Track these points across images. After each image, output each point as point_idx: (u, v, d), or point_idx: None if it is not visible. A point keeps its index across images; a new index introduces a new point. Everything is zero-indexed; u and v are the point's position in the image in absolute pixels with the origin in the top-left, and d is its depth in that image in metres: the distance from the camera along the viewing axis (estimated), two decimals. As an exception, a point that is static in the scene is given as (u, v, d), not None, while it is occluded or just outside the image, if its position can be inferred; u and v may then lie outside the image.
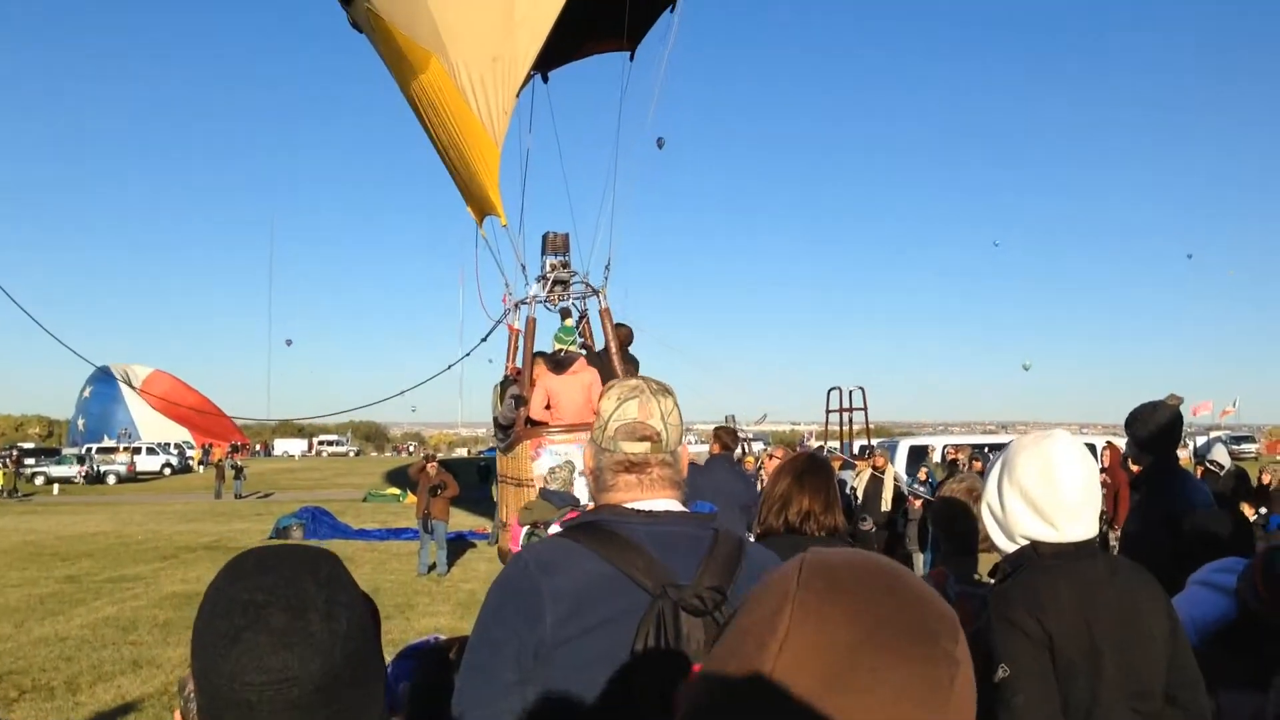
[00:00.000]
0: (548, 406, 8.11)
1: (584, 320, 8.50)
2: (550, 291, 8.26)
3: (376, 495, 35.59)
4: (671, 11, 9.30)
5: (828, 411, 22.21)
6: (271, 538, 21.37)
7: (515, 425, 8.02)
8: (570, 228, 8.56)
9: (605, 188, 8.58)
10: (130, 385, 69.79)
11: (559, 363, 7.96)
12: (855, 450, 20.28)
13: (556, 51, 8.81)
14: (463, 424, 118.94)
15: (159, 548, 20.24)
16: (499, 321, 8.53)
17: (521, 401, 8.00)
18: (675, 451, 1.98)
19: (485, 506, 24.02)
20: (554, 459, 7.41)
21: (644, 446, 1.93)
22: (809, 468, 3.47)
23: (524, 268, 8.19)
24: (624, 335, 8.44)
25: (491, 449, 73.41)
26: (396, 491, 36.98)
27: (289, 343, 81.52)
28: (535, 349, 8.52)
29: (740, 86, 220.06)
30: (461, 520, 21.74)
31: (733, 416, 43.36)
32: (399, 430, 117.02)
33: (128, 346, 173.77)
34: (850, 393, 21.84)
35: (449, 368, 8.85)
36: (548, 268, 8.26)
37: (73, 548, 20.40)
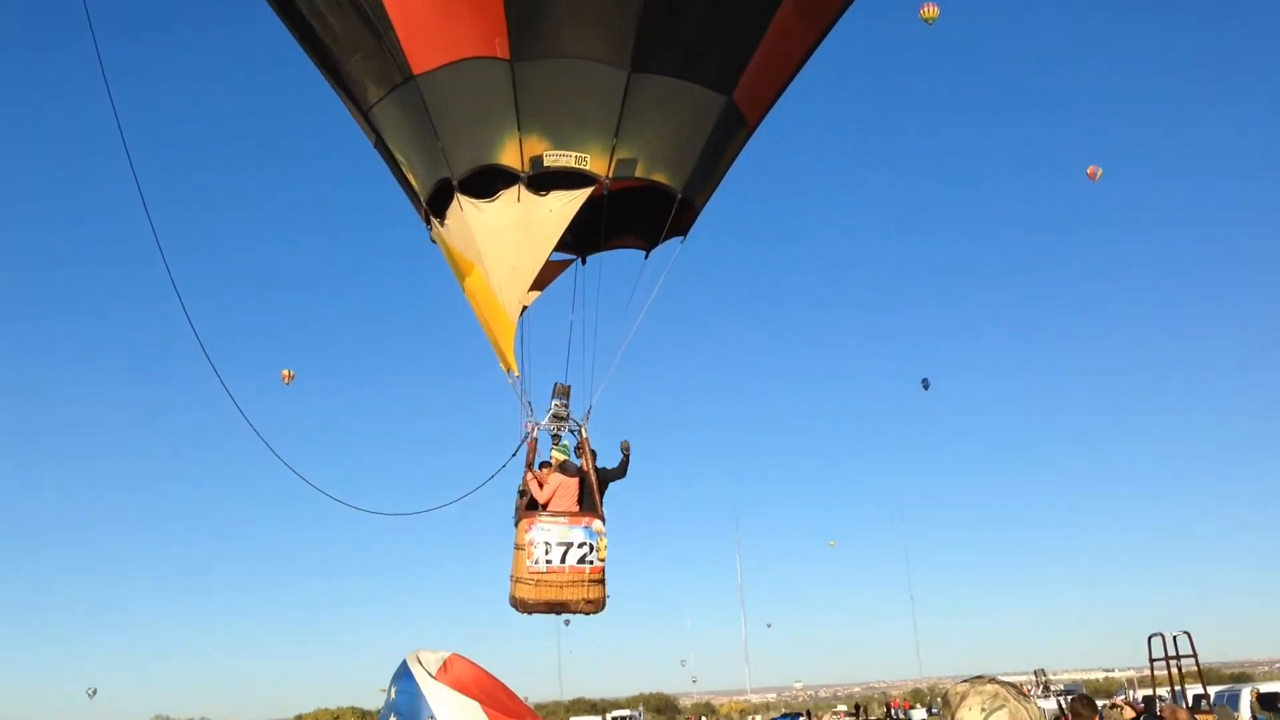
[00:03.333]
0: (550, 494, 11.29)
1: (580, 443, 11.26)
2: (553, 423, 11.13)
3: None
4: (682, 241, 11.35)
5: (1151, 661, 20.59)
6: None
7: (518, 510, 10.91)
8: (580, 376, 11.22)
9: (610, 357, 11.13)
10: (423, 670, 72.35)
11: (564, 467, 11.09)
12: (1190, 701, 18.67)
13: (590, 242, 11.66)
14: (751, 690, 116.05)
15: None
16: (523, 441, 11.06)
17: (523, 493, 11.01)
18: None
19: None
20: (541, 533, 10.52)
21: None
22: None
23: (530, 405, 11.06)
24: (592, 452, 11.38)
25: (784, 715, 71.07)
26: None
27: (567, 623, 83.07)
28: (541, 458, 11.49)
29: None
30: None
31: (1043, 670, 40.54)
32: (688, 700, 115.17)
33: (424, 632, 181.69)
34: (1175, 638, 20.21)
35: (481, 486, 11.63)
36: (553, 406, 11.06)
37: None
